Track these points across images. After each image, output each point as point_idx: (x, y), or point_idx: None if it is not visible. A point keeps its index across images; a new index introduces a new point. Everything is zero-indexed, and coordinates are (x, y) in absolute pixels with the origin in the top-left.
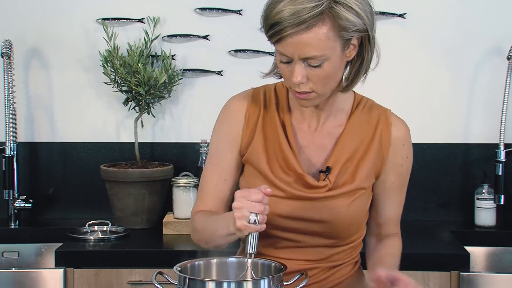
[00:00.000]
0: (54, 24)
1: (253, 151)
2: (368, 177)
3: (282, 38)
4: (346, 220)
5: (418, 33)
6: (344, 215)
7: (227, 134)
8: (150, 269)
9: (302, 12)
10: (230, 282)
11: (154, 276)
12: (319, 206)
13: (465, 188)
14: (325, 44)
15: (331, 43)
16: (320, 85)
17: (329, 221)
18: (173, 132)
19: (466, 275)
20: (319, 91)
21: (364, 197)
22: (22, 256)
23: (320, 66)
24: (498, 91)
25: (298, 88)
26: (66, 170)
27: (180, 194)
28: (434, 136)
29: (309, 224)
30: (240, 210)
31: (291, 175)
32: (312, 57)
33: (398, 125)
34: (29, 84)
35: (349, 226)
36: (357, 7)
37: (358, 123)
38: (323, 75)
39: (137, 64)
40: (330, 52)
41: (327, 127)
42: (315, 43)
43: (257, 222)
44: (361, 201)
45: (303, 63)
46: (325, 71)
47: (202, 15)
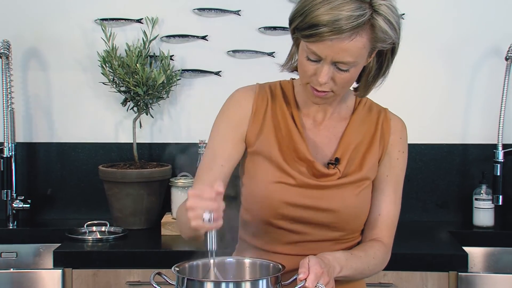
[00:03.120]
0: (53, 24)
1: (264, 140)
2: (373, 167)
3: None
4: (353, 209)
5: (417, 33)
6: (352, 204)
7: (231, 121)
8: (149, 270)
9: (348, 19)
10: (229, 283)
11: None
12: (329, 195)
13: (463, 189)
14: (361, 52)
15: (365, 51)
16: (341, 87)
17: (337, 210)
18: (172, 133)
19: (465, 276)
20: (338, 92)
21: (369, 190)
22: (20, 257)
23: (347, 71)
24: (496, 92)
25: (319, 87)
26: (65, 170)
27: (178, 195)
28: (432, 137)
29: (318, 214)
30: (194, 210)
31: (302, 164)
32: (345, 62)
33: (396, 120)
34: (27, 84)
35: (356, 217)
36: (394, 20)
37: (361, 119)
38: (347, 79)
39: (136, 64)
40: (361, 59)
41: (332, 121)
42: (353, 50)
43: (211, 220)
44: (367, 193)
45: (332, 66)
46: (351, 75)
47: (200, 15)
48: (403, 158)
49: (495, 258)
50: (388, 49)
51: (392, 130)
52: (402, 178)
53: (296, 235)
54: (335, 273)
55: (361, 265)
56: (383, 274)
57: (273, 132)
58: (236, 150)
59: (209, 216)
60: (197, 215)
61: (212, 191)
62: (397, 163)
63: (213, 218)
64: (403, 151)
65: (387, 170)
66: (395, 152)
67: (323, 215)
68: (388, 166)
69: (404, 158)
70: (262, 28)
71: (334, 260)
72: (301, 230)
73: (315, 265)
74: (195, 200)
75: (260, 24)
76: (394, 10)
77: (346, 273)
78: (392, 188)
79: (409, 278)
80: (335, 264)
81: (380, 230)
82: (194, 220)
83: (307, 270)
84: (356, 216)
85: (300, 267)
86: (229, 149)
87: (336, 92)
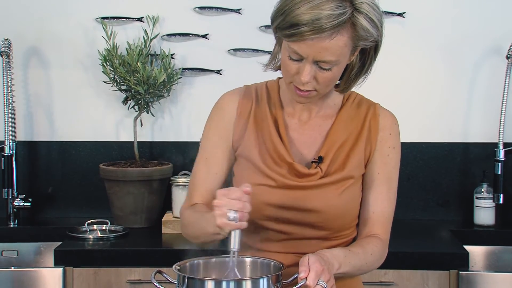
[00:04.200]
0: (53, 23)
1: (245, 144)
2: (358, 166)
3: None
4: (337, 209)
5: (417, 32)
6: (335, 204)
7: (218, 128)
8: (149, 268)
9: (328, 18)
10: (229, 281)
11: (153, 275)
12: (311, 195)
13: (464, 187)
14: (342, 51)
15: (347, 50)
16: (324, 86)
17: (321, 210)
18: (172, 131)
19: (465, 274)
20: (321, 91)
21: (355, 188)
22: (21, 255)
23: (330, 70)
24: (497, 90)
25: (302, 86)
26: (65, 169)
27: (179, 193)
28: (433, 135)
29: (301, 214)
30: (220, 208)
31: (283, 166)
32: (327, 61)
33: (386, 115)
34: (28, 83)
35: (340, 216)
36: (375, 18)
37: (348, 116)
38: (330, 78)
39: (136, 63)
40: (343, 58)
41: (317, 120)
42: (334, 48)
43: (236, 219)
44: (352, 192)
45: (314, 65)
46: (333, 74)
47: (201, 14)
48: (395, 154)
49: (496, 257)
50: (371, 47)
51: (381, 126)
52: (395, 174)
53: (283, 234)
54: (334, 270)
55: (359, 262)
56: (384, 272)
57: (255, 134)
58: (227, 156)
59: (234, 215)
60: (222, 213)
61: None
62: (389, 159)
63: (239, 218)
64: (394, 146)
65: (379, 167)
66: (385, 148)
67: (307, 215)
68: (379, 163)
69: (396, 154)
70: (263, 27)
71: (332, 257)
72: (287, 230)
73: (315, 263)
74: (222, 199)
75: (261, 22)
76: (375, 8)
77: (345, 270)
78: (385, 186)
79: (410, 276)
80: (334, 261)
81: (376, 228)
82: (219, 218)
83: (308, 268)
84: (340, 216)
85: (300, 265)
86: (220, 157)
87: (319, 91)
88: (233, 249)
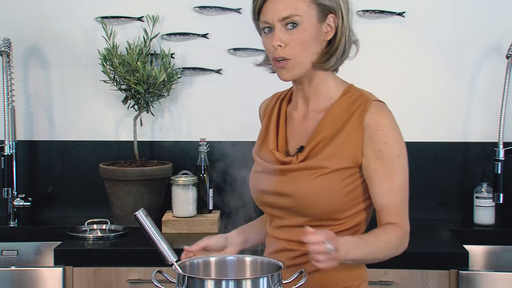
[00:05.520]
0: (53, 22)
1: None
2: (335, 158)
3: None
4: (309, 195)
5: (417, 31)
6: (307, 190)
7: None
8: (149, 268)
9: None
10: (229, 281)
11: (153, 274)
12: (286, 180)
13: (464, 187)
14: (299, 5)
15: (306, 6)
16: (297, 50)
17: (294, 195)
18: (172, 131)
19: (465, 274)
20: (296, 58)
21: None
22: (21, 255)
23: (296, 29)
24: (497, 90)
25: (277, 53)
26: (65, 168)
27: (179, 193)
28: (433, 135)
29: (280, 198)
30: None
31: (270, 154)
32: (287, 16)
33: (373, 112)
34: (28, 82)
35: (313, 203)
36: None
37: (340, 110)
38: (299, 40)
39: (136, 62)
40: (304, 14)
41: (313, 112)
42: (290, 2)
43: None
44: (326, 181)
45: (282, 28)
46: (300, 35)
47: (201, 13)
48: (388, 149)
49: (496, 256)
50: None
51: (366, 123)
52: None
53: (278, 219)
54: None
55: (371, 250)
56: (384, 272)
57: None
58: None
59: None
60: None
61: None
62: (381, 155)
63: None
64: (385, 142)
65: (374, 163)
66: (376, 144)
67: (285, 199)
68: (373, 159)
69: (390, 149)
70: None
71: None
72: (278, 214)
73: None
74: None
75: None
76: None
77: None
78: (386, 179)
79: (410, 276)
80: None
81: (391, 217)
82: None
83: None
84: (314, 202)
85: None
86: None
87: (294, 58)
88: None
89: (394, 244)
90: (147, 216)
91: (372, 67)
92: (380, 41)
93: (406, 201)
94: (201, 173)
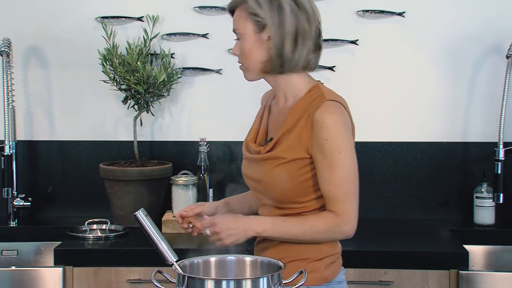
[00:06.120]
0: (53, 22)
1: None
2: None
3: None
4: (270, 180)
5: (417, 31)
6: (267, 176)
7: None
8: (149, 268)
9: None
10: (229, 281)
11: (153, 274)
12: (256, 167)
13: (464, 187)
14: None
15: (243, 21)
16: (242, 58)
17: (259, 180)
18: (172, 131)
19: (465, 274)
20: (245, 64)
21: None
22: (21, 255)
23: (240, 40)
24: (497, 90)
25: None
26: (65, 168)
27: (179, 193)
28: (433, 135)
29: (255, 183)
30: None
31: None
32: (234, 29)
33: (322, 110)
34: (28, 82)
35: (273, 187)
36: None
37: (301, 107)
38: (243, 49)
39: (136, 62)
40: (243, 28)
41: (284, 108)
42: (237, 19)
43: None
44: (283, 169)
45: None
46: (242, 45)
47: (201, 13)
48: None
49: (496, 256)
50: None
51: (314, 120)
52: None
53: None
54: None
55: (292, 231)
56: (384, 272)
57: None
58: None
59: None
60: None
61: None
62: (324, 150)
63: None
64: (327, 138)
65: (318, 156)
66: (320, 140)
67: (256, 183)
68: (318, 153)
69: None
70: None
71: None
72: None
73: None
74: None
75: None
76: None
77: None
78: (327, 172)
79: (410, 276)
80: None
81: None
82: None
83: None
84: (273, 187)
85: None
86: None
87: (244, 64)
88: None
89: (323, 230)
90: (147, 216)
91: (372, 67)
92: (380, 41)
93: (349, 194)
94: (201, 173)
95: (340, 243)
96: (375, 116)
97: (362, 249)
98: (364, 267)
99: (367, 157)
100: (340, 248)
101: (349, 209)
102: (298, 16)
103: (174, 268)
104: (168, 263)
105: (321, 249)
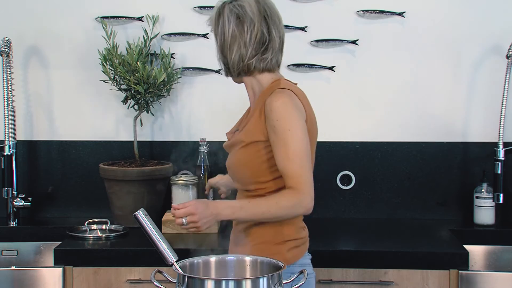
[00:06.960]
0: (54, 22)
1: None
2: (248, 134)
3: None
4: (234, 164)
5: (417, 31)
6: (233, 160)
7: None
8: (149, 268)
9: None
10: (229, 281)
11: (153, 274)
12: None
13: (464, 187)
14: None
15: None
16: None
17: (230, 166)
18: (172, 131)
19: (465, 274)
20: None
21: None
22: (21, 255)
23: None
24: (497, 90)
25: None
26: (65, 168)
27: (179, 193)
28: (433, 135)
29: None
30: None
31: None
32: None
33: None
34: (28, 82)
35: (236, 171)
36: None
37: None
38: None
39: (136, 62)
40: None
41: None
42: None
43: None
44: (242, 152)
45: None
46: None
47: (201, 13)
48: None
49: (496, 256)
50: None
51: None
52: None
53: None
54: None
55: (259, 210)
56: (384, 272)
57: None
58: None
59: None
60: None
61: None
62: (275, 129)
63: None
64: (277, 119)
65: (272, 136)
66: (271, 121)
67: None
68: (271, 133)
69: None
70: None
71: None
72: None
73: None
74: None
75: None
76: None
77: (240, 216)
78: (281, 149)
79: (410, 276)
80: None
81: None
82: None
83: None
84: (236, 170)
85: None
86: None
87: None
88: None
89: (286, 205)
90: (147, 216)
91: (372, 67)
92: (380, 41)
93: (304, 168)
94: (201, 173)
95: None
96: (375, 116)
97: (362, 249)
98: (364, 267)
99: (367, 157)
100: (306, 234)
101: (306, 182)
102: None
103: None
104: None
105: (284, 233)
